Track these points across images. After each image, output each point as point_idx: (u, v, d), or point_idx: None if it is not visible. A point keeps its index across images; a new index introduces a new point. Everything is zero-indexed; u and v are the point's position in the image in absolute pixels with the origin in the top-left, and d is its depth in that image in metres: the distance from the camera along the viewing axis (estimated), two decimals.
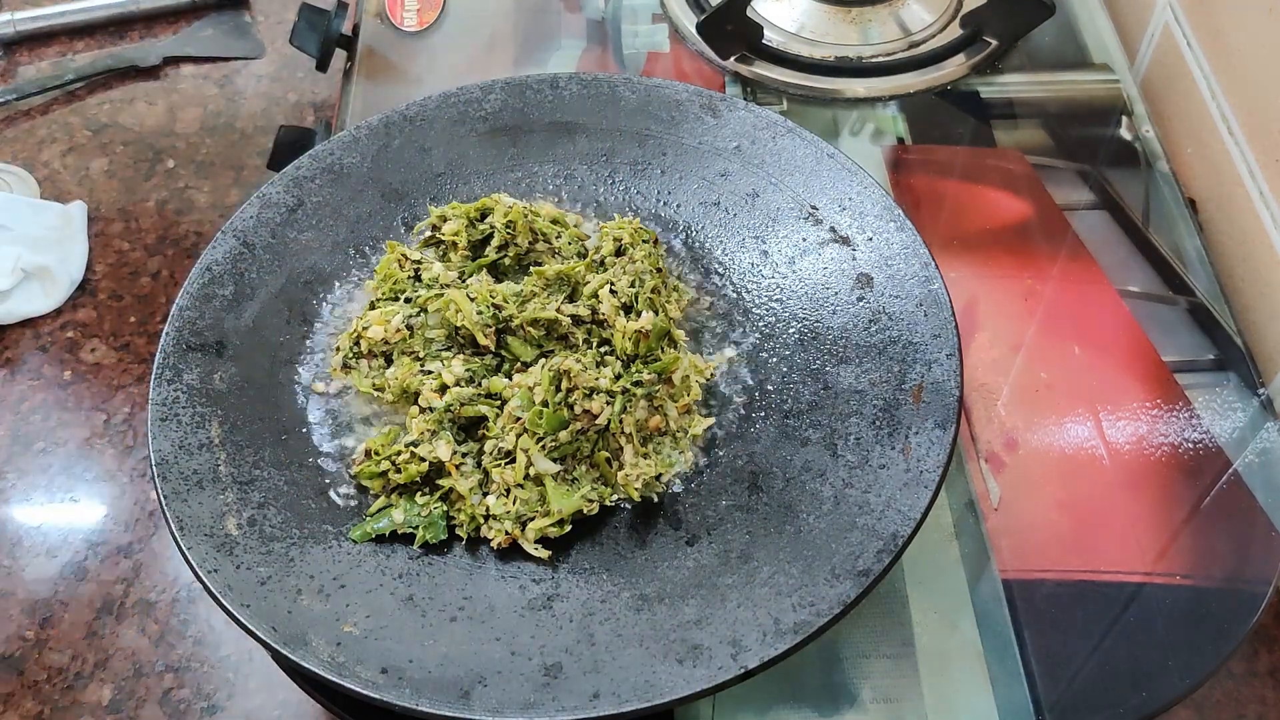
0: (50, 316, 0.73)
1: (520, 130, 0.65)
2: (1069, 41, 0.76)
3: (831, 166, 0.60)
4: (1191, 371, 0.60)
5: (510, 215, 0.58)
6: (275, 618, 0.46)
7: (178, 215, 0.79)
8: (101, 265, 0.76)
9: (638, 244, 0.58)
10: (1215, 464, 0.56)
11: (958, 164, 0.69)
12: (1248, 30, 0.65)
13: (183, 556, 0.48)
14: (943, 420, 0.50)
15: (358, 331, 0.56)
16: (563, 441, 0.51)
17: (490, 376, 0.54)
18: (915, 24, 0.76)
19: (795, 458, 0.52)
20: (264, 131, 0.83)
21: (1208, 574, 0.52)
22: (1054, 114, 0.72)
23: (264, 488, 0.51)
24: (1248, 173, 0.65)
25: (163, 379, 0.53)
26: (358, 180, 0.62)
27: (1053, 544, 0.54)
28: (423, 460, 0.52)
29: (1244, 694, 0.55)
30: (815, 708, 0.49)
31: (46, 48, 0.89)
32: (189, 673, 0.59)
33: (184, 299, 0.56)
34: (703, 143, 0.63)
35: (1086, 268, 0.64)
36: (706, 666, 0.44)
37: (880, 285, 0.56)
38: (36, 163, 0.82)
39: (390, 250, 0.58)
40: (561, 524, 0.51)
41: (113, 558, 0.63)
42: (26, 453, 0.67)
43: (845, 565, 0.47)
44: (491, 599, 0.49)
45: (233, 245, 0.58)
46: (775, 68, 0.74)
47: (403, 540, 0.51)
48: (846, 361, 0.55)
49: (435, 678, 0.45)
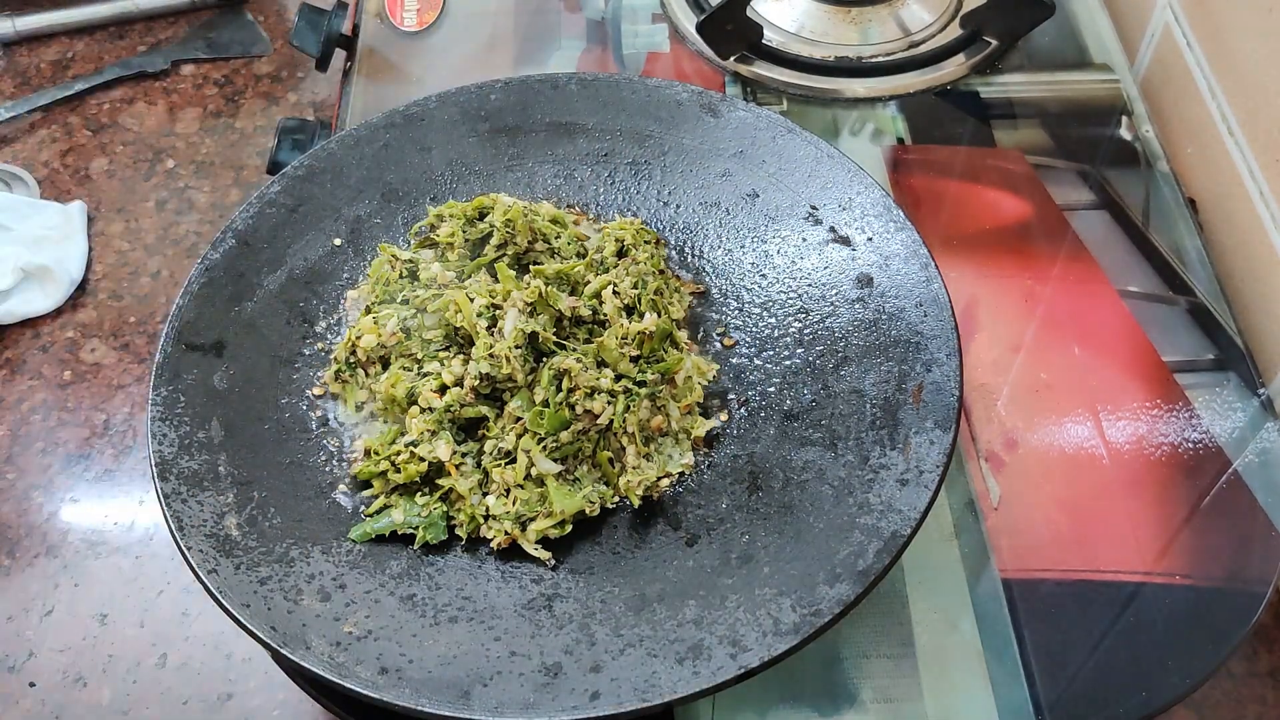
0: (50, 316, 0.73)
1: (520, 130, 0.65)
2: (1069, 41, 0.76)
3: (831, 166, 0.60)
4: (1191, 371, 0.60)
5: (509, 214, 0.58)
6: (275, 618, 0.46)
7: (178, 215, 0.79)
8: (101, 265, 0.76)
9: (640, 245, 0.58)
10: (1215, 464, 0.56)
11: (958, 164, 0.69)
12: (1248, 30, 0.65)
13: (183, 556, 0.48)
14: (943, 420, 0.50)
15: (352, 341, 0.56)
16: (564, 442, 0.51)
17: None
18: (915, 24, 0.76)
19: (795, 458, 0.52)
20: (264, 131, 0.83)
21: (1208, 574, 0.52)
22: (1054, 114, 0.72)
23: (264, 488, 0.51)
24: (1248, 173, 0.65)
25: (163, 379, 0.53)
26: (358, 180, 0.62)
27: (1053, 544, 0.54)
28: (422, 460, 0.52)
29: (1244, 694, 0.55)
30: (815, 708, 0.49)
31: (46, 48, 0.89)
32: (189, 673, 0.59)
33: (184, 299, 0.56)
34: (703, 143, 0.63)
35: (1086, 268, 0.64)
36: (706, 666, 0.44)
37: (880, 285, 0.56)
38: (36, 163, 0.82)
39: (382, 252, 0.58)
40: (563, 524, 0.51)
41: (113, 558, 0.63)
42: (26, 453, 0.67)
43: (845, 565, 0.47)
44: (491, 599, 0.49)
45: (232, 245, 0.58)
46: (775, 68, 0.74)
47: (403, 540, 0.51)
48: (846, 361, 0.55)
49: (435, 678, 0.45)
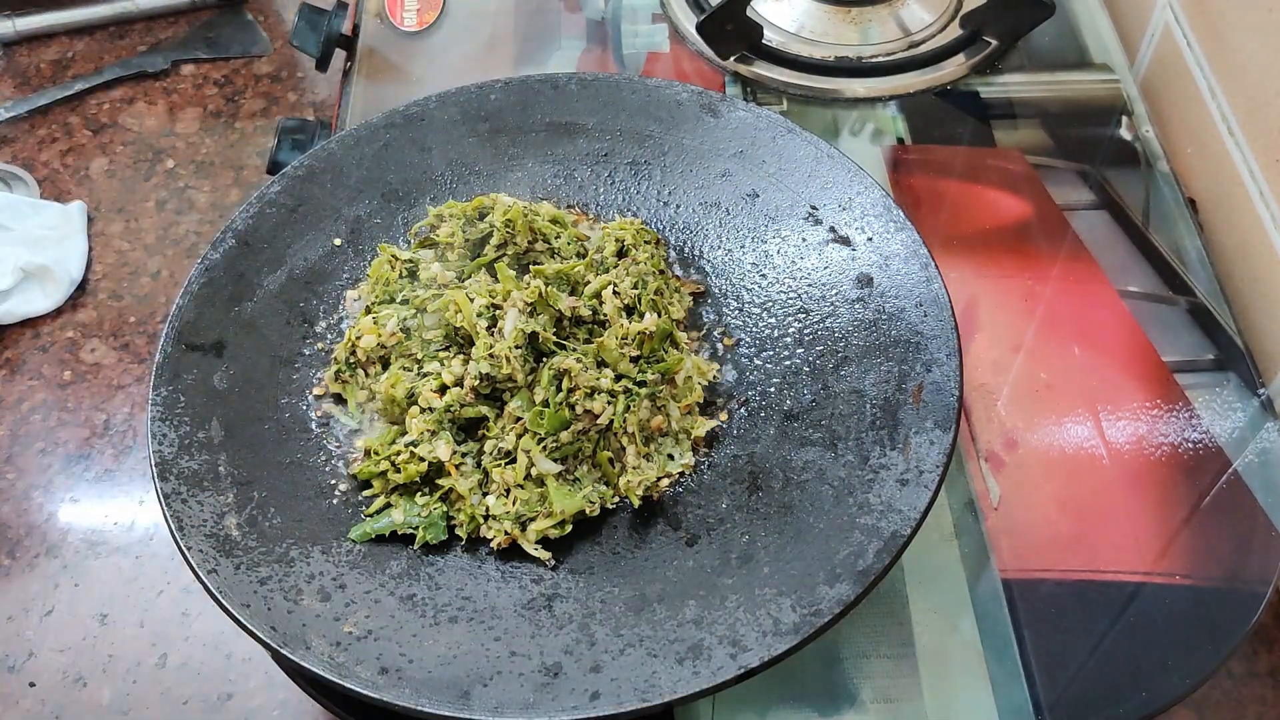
0: (50, 316, 0.73)
1: (520, 130, 0.65)
2: (1069, 41, 0.76)
3: (831, 166, 0.60)
4: (1191, 371, 0.60)
5: (509, 214, 0.58)
6: (275, 618, 0.46)
7: (178, 215, 0.79)
8: (101, 265, 0.76)
9: (640, 245, 0.58)
10: (1215, 464, 0.56)
11: (958, 164, 0.69)
12: (1248, 30, 0.65)
13: (183, 556, 0.48)
14: (943, 420, 0.50)
15: (351, 342, 0.56)
16: (564, 442, 0.51)
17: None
18: (915, 24, 0.76)
19: (795, 458, 0.52)
20: (264, 131, 0.83)
21: (1208, 574, 0.52)
22: (1054, 114, 0.72)
23: (264, 488, 0.51)
24: (1248, 173, 0.65)
25: (163, 379, 0.53)
26: (358, 180, 0.62)
27: (1053, 544, 0.54)
28: (422, 460, 0.52)
29: (1244, 694, 0.55)
30: (815, 708, 0.49)
31: (46, 48, 0.89)
32: (189, 673, 0.59)
33: (184, 299, 0.56)
34: (703, 143, 0.63)
35: (1086, 268, 0.64)
36: (706, 666, 0.44)
37: (880, 285, 0.56)
38: (36, 163, 0.82)
39: (382, 252, 0.58)
40: (563, 524, 0.51)
41: (113, 558, 0.63)
42: (26, 453, 0.67)
43: (845, 565, 0.47)
44: (491, 599, 0.49)
45: (232, 245, 0.58)
46: (775, 68, 0.74)
47: (403, 540, 0.51)
48: (846, 361, 0.55)
49: (435, 678, 0.45)
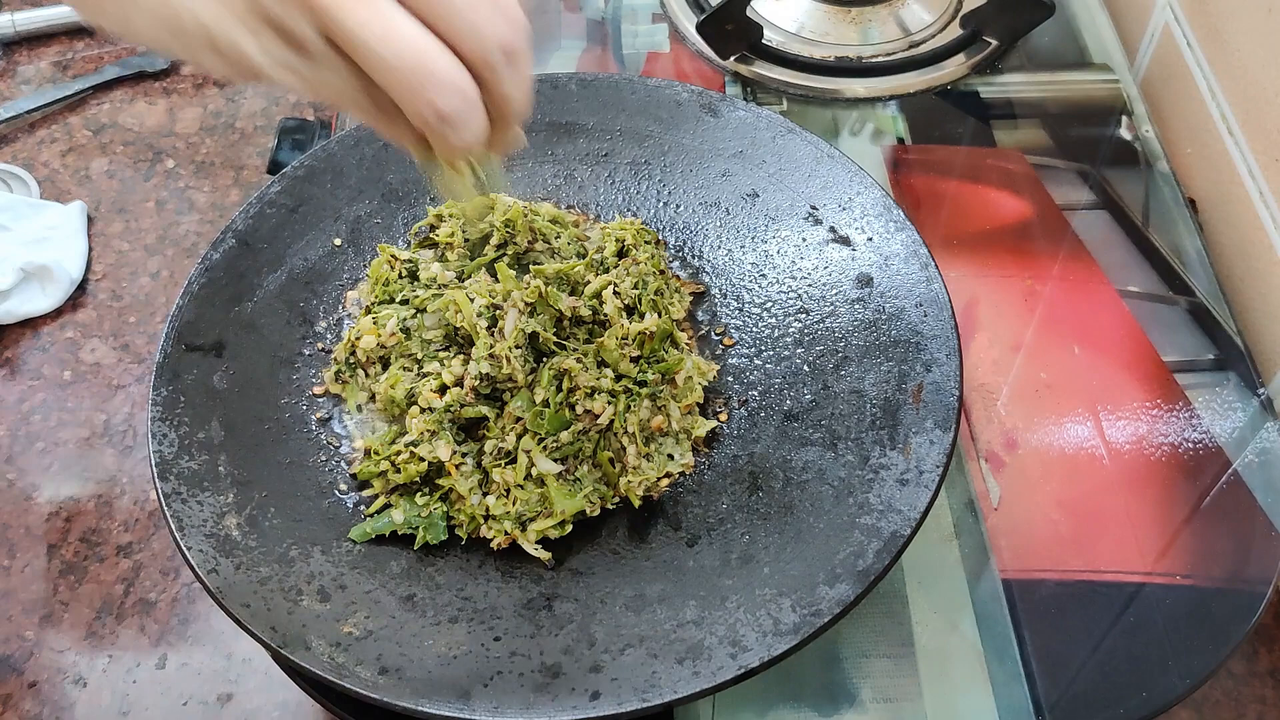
0: (50, 316, 0.73)
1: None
2: (1069, 41, 0.76)
3: (831, 166, 0.60)
4: (1191, 371, 0.60)
5: (509, 214, 0.58)
6: (275, 618, 0.46)
7: (178, 215, 0.79)
8: (101, 265, 0.76)
9: (640, 245, 0.58)
10: (1215, 464, 0.56)
11: (958, 164, 0.69)
12: (1248, 30, 0.65)
13: (183, 556, 0.48)
14: (943, 420, 0.50)
15: (351, 342, 0.56)
16: (564, 442, 0.51)
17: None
18: (915, 24, 0.76)
19: (795, 458, 0.52)
20: (264, 131, 0.83)
21: (1208, 574, 0.52)
22: (1054, 114, 0.72)
23: (264, 488, 0.51)
24: (1248, 173, 0.65)
25: (163, 379, 0.53)
26: (358, 180, 0.62)
27: (1053, 544, 0.54)
28: (422, 460, 0.51)
29: (1244, 694, 0.55)
30: (815, 708, 0.49)
31: (46, 48, 0.89)
32: (189, 673, 0.59)
33: (184, 299, 0.56)
34: (703, 143, 0.63)
35: (1086, 268, 0.64)
36: (706, 666, 0.44)
37: (880, 285, 0.56)
38: (36, 163, 0.82)
39: (382, 252, 0.58)
40: (563, 525, 0.50)
41: (113, 558, 0.63)
42: (26, 453, 0.67)
43: (845, 565, 0.47)
44: (491, 599, 0.49)
45: (232, 245, 0.58)
46: (775, 68, 0.74)
47: (403, 540, 0.51)
48: (846, 361, 0.55)
49: (435, 678, 0.45)
